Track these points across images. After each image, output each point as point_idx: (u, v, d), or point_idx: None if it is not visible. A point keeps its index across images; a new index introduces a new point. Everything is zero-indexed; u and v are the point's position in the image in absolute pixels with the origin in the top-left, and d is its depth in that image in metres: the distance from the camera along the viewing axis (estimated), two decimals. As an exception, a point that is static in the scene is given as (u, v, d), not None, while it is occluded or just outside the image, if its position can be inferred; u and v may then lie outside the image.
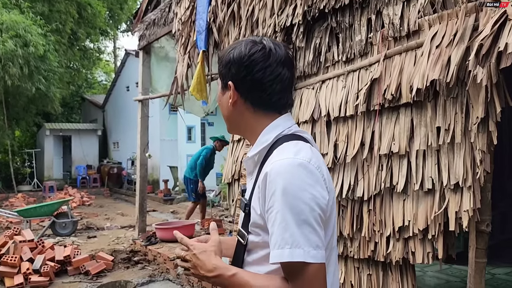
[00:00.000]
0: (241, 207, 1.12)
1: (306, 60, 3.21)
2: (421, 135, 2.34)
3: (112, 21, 22.18)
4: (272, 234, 0.97)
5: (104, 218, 10.02)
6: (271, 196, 0.98)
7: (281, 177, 0.97)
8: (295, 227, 0.94)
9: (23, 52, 12.47)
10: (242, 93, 1.11)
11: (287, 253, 0.94)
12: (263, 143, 1.11)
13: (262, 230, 1.04)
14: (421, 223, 2.28)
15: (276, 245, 0.96)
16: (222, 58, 1.13)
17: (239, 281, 1.01)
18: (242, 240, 1.10)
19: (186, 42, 4.83)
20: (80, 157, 19.05)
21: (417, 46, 2.40)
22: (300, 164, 0.99)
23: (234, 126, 1.20)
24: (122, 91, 18.23)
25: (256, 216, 1.04)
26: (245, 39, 1.14)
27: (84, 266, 5.33)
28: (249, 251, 1.09)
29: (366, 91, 2.61)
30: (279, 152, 1.04)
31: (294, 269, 0.95)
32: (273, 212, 0.97)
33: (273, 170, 0.99)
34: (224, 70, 1.12)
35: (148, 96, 6.69)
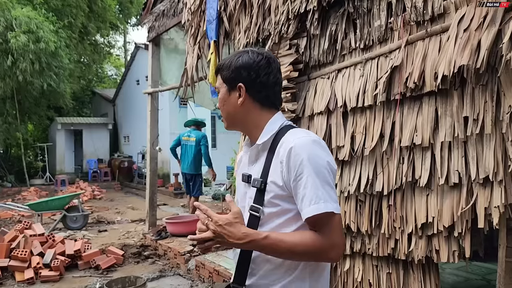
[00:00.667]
0: (254, 186, 1.29)
1: (321, 48, 3.06)
2: (447, 126, 2.18)
3: (122, 15, 22.16)
4: (305, 195, 1.20)
5: (115, 212, 10.00)
6: (299, 165, 1.21)
7: (304, 149, 1.22)
8: (321, 187, 1.20)
9: (34, 48, 12.49)
10: (251, 93, 1.34)
11: (323, 206, 1.18)
12: (270, 132, 1.33)
13: (282, 200, 1.25)
14: (447, 220, 2.14)
15: (312, 201, 1.19)
16: (230, 64, 1.35)
17: (272, 241, 1.18)
18: (257, 213, 1.27)
19: (196, 33, 4.71)
20: (91, 151, 19.10)
21: (442, 30, 2.24)
22: (315, 140, 1.27)
23: (238, 122, 1.40)
24: (132, 84, 18.19)
25: (277, 188, 1.25)
26: (246, 49, 1.38)
27: (94, 260, 5.28)
28: (263, 223, 1.27)
29: (386, 80, 2.46)
30: (293, 134, 1.29)
31: (324, 219, 1.19)
32: (304, 178, 1.20)
33: (297, 145, 1.23)
34: (233, 74, 1.34)
35: (158, 89, 6.60)
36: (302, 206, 1.21)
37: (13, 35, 12.20)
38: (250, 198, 1.31)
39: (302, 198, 1.20)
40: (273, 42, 3.41)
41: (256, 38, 3.65)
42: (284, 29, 3.26)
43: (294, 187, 1.22)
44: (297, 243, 1.19)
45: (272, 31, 3.41)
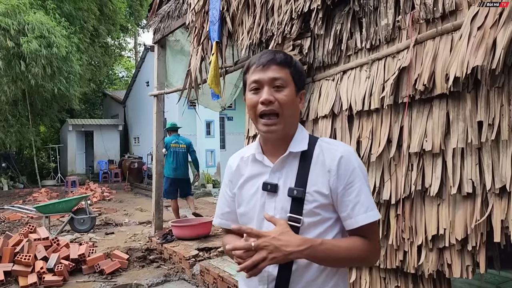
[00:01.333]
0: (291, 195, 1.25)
1: (326, 48, 2.92)
2: (459, 131, 2.03)
3: (132, 17, 22.25)
4: (358, 202, 1.23)
5: (123, 214, 9.97)
6: (351, 173, 1.25)
7: (354, 158, 1.28)
8: (371, 195, 1.28)
9: (46, 53, 12.57)
10: None
11: (376, 214, 1.25)
12: (304, 139, 1.33)
13: (323, 209, 1.25)
14: (460, 232, 1.99)
15: (368, 209, 1.24)
16: (297, 65, 1.32)
17: (328, 247, 1.19)
18: (297, 224, 1.23)
19: (200, 34, 4.60)
20: (102, 152, 19.20)
21: (454, 28, 2.09)
22: (354, 150, 1.39)
23: (292, 127, 1.33)
24: (142, 86, 18.22)
25: (321, 197, 1.25)
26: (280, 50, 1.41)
27: (98, 265, 5.21)
28: (301, 233, 1.24)
29: (393, 82, 2.32)
30: (332, 142, 1.34)
31: (375, 226, 1.26)
32: (356, 185, 1.24)
33: (346, 154, 1.27)
34: (302, 79, 1.34)
35: (163, 91, 6.51)
36: (354, 213, 1.23)
37: (25, 40, 12.29)
38: (281, 208, 1.27)
39: (354, 205, 1.23)
40: (276, 42, 3.28)
41: (259, 39, 3.53)
42: (288, 29, 3.13)
43: (342, 195, 1.24)
44: (351, 248, 1.22)
45: (275, 31, 3.28)
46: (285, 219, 1.23)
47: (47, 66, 12.81)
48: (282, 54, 1.30)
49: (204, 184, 13.19)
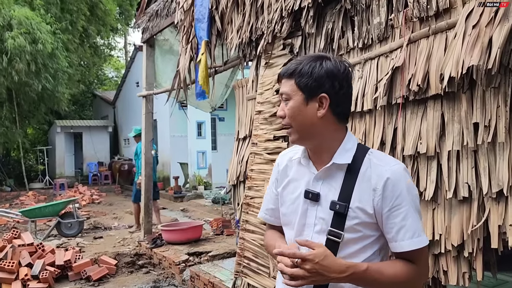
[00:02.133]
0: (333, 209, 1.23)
1: (317, 48, 2.85)
2: (454, 133, 1.96)
3: (122, 16, 22.03)
4: (404, 226, 1.20)
5: (112, 217, 9.81)
6: (398, 196, 1.20)
7: (402, 180, 1.23)
8: (418, 220, 1.23)
9: (31, 49, 12.32)
10: (332, 106, 1.24)
11: (424, 240, 1.22)
12: (350, 150, 1.28)
13: (365, 227, 1.23)
14: (456, 238, 1.91)
15: (414, 234, 1.20)
16: (312, 71, 1.22)
17: (374, 273, 1.17)
18: (338, 239, 1.23)
19: (189, 33, 4.50)
20: (91, 154, 18.96)
21: (448, 27, 2.02)
22: (405, 168, 1.28)
23: (312, 136, 1.28)
24: (132, 86, 18.02)
25: (364, 215, 1.22)
26: (323, 54, 1.28)
27: (85, 271, 5.07)
28: (340, 248, 1.23)
29: (387, 82, 2.24)
30: (382, 159, 1.28)
31: (422, 252, 1.23)
32: (402, 209, 1.20)
33: (394, 176, 1.22)
34: (315, 83, 1.22)
35: (152, 92, 6.40)
36: (399, 238, 1.21)
37: (10, 35, 12.04)
38: (323, 220, 1.27)
39: (399, 229, 1.20)
40: (267, 41, 3.21)
41: (249, 38, 3.44)
42: (278, 27, 3.05)
43: (387, 217, 1.21)
44: (397, 276, 1.19)
45: (265, 30, 3.20)
46: (325, 231, 1.25)
47: (32, 62, 12.54)
48: (293, 63, 1.29)
49: (196, 186, 13.06)
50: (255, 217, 3.28)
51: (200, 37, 3.96)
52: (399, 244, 1.21)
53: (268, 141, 3.24)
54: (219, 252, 5.47)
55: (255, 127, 3.41)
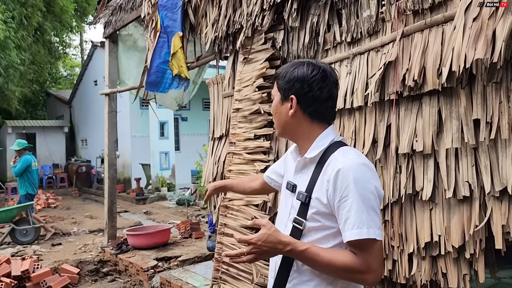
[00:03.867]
0: (298, 199, 1.34)
1: (301, 42, 2.72)
2: (453, 130, 1.89)
3: (78, 13, 21.11)
4: (348, 218, 1.22)
5: (71, 222, 9.29)
6: (345, 188, 1.23)
7: (352, 173, 1.24)
8: (366, 212, 1.22)
9: None
10: (303, 106, 1.36)
11: (365, 232, 1.21)
12: (320, 147, 1.35)
13: (323, 217, 1.30)
14: (456, 239, 1.84)
15: (354, 226, 1.21)
16: (286, 75, 1.37)
17: (310, 255, 1.25)
18: (300, 226, 1.32)
19: (156, 28, 4.26)
20: (46, 156, 17.99)
21: (445, 20, 1.95)
22: (363, 163, 1.28)
23: (289, 131, 1.43)
24: (90, 85, 17.28)
25: (321, 205, 1.29)
26: (304, 60, 1.40)
27: (45, 281, 4.69)
28: (303, 235, 1.32)
29: (379, 77, 2.15)
30: (343, 154, 1.31)
31: (365, 244, 1.22)
32: (348, 200, 1.22)
33: (345, 167, 1.25)
34: (287, 85, 1.37)
35: (116, 89, 6.06)
36: (345, 228, 1.24)
37: None
38: (294, 208, 1.36)
39: (345, 220, 1.24)
40: (246, 35, 3.05)
41: (225, 32, 3.28)
42: (258, 21, 2.90)
43: (337, 207, 1.25)
44: (334, 260, 1.24)
45: (244, 23, 3.04)
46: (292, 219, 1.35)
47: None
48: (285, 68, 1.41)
49: (159, 188, 12.66)
50: (234, 220, 3.12)
51: (168, 26, 3.72)
52: (344, 234, 1.25)
53: (248, 140, 3.09)
54: (190, 257, 5.25)
55: (232, 126, 3.25)
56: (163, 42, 4.05)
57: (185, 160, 13.90)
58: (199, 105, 15.15)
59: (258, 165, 2.98)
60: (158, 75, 4.20)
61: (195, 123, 15.03)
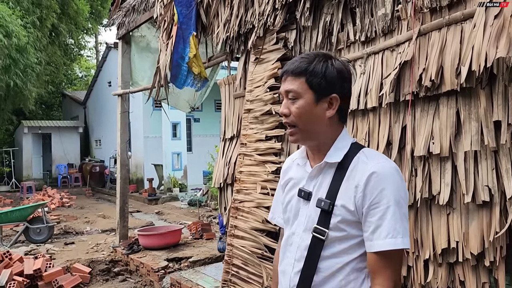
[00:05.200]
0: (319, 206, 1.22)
1: (313, 42, 2.67)
2: (472, 132, 1.82)
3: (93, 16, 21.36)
4: (380, 226, 1.14)
5: (84, 222, 9.36)
6: (378, 193, 1.15)
7: (387, 178, 1.16)
8: (400, 220, 1.14)
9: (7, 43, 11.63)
10: (342, 105, 1.25)
11: (400, 242, 1.13)
12: (342, 149, 1.25)
13: (349, 226, 1.19)
14: (475, 246, 1.77)
15: (388, 235, 1.13)
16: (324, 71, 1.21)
17: None
18: (322, 236, 1.21)
19: (169, 28, 4.25)
20: (61, 156, 18.23)
21: (464, 18, 1.88)
22: (395, 167, 1.20)
23: (315, 135, 1.26)
24: (104, 86, 17.45)
25: (347, 213, 1.19)
26: (327, 53, 1.27)
27: (57, 280, 4.72)
28: (325, 246, 1.21)
29: (394, 78, 2.09)
30: (371, 158, 1.22)
31: (395, 255, 1.15)
32: (381, 207, 1.14)
33: (378, 172, 1.16)
34: (325, 83, 1.22)
35: (128, 90, 6.08)
36: (374, 237, 1.15)
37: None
38: (311, 218, 1.26)
39: (375, 228, 1.15)
40: (257, 35, 3.01)
41: (237, 32, 3.24)
42: (270, 20, 2.86)
43: (366, 214, 1.17)
44: None
45: (256, 23, 3.00)
46: (311, 228, 1.24)
47: (7, 57, 11.84)
48: (302, 60, 1.25)
49: (171, 188, 12.70)
50: (245, 222, 3.08)
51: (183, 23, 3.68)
52: (373, 243, 1.16)
53: (259, 141, 3.04)
54: (200, 258, 5.23)
55: (244, 127, 3.21)
56: (179, 37, 4.02)
57: (197, 161, 13.93)
58: (212, 106, 15.17)
59: (269, 166, 2.93)
60: (177, 70, 4.17)
61: (207, 124, 15.05)
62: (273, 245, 2.85)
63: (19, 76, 12.69)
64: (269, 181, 2.96)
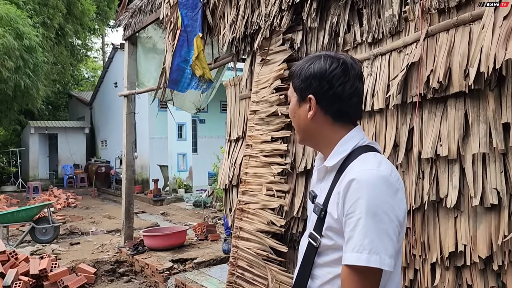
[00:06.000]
0: (314, 211, 1.19)
1: (320, 43, 2.66)
2: (480, 134, 1.80)
3: (100, 17, 21.48)
4: (351, 238, 1.04)
5: (90, 222, 9.40)
6: (354, 202, 1.05)
7: (366, 186, 1.05)
8: (375, 234, 1.02)
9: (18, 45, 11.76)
10: (323, 106, 1.18)
11: (364, 258, 1.02)
12: (342, 153, 1.17)
13: (336, 234, 1.12)
14: (483, 249, 1.75)
15: (354, 248, 1.03)
16: (301, 72, 1.19)
17: None
18: (314, 243, 1.17)
19: (175, 29, 4.25)
20: (67, 156, 18.34)
21: (473, 19, 1.86)
22: (383, 176, 1.07)
23: (308, 137, 1.25)
24: (110, 87, 17.54)
25: (332, 220, 1.13)
26: (321, 53, 1.21)
27: (62, 281, 4.73)
28: (320, 253, 1.17)
29: (401, 79, 2.07)
30: (362, 162, 1.12)
31: (367, 272, 1.03)
32: (354, 218, 1.05)
33: (358, 179, 1.07)
34: (303, 84, 1.19)
35: (134, 91, 6.10)
36: (345, 249, 1.07)
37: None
38: (312, 222, 1.22)
39: (348, 240, 1.06)
40: (263, 36, 3.00)
41: (243, 33, 3.23)
42: (277, 21, 2.85)
43: (344, 223, 1.09)
44: None
45: (262, 24, 2.99)
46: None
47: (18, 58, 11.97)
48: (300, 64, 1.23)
49: (176, 189, 12.72)
50: (250, 224, 3.07)
51: (188, 25, 3.69)
52: (344, 255, 1.07)
53: (265, 143, 3.03)
54: (205, 259, 5.22)
55: (249, 128, 3.20)
56: (183, 40, 4.02)
57: (202, 162, 13.95)
58: (217, 107, 15.19)
59: (275, 168, 2.92)
60: (179, 74, 4.18)
61: (212, 125, 15.07)
62: (278, 247, 2.84)
63: (29, 75, 12.79)
64: (275, 182, 2.95)
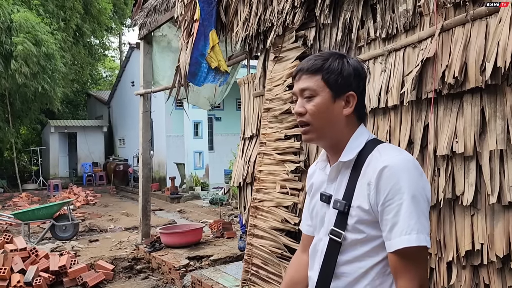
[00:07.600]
0: (336, 207, 1.19)
1: (333, 39, 2.64)
2: (498, 131, 1.76)
3: (117, 16, 21.75)
4: (396, 223, 1.08)
5: (108, 219, 9.54)
6: (391, 188, 1.09)
7: (400, 171, 1.10)
8: (416, 216, 1.08)
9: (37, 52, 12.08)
10: (358, 103, 1.23)
11: (414, 238, 1.07)
12: (357, 147, 1.21)
13: (367, 226, 1.14)
14: (500, 248, 1.71)
15: (403, 231, 1.07)
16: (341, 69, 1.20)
17: None
18: (338, 238, 1.17)
19: (190, 27, 4.27)
20: (86, 154, 18.67)
21: (489, 13, 1.81)
22: (410, 160, 1.14)
23: (330, 134, 1.23)
24: (127, 86, 17.75)
25: (362, 213, 1.15)
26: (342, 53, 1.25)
27: (81, 277, 4.83)
28: (345, 250, 1.17)
29: (416, 75, 2.04)
30: (384, 152, 1.16)
31: (417, 252, 1.08)
32: (395, 203, 1.09)
33: (390, 165, 1.11)
34: (344, 81, 1.20)
35: (150, 90, 6.16)
36: (391, 236, 1.10)
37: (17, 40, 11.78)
38: (329, 220, 1.23)
39: (392, 226, 1.10)
40: (276, 34, 2.99)
41: (256, 30, 3.23)
42: (289, 18, 2.84)
43: (382, 212, 1.12)
44: None
45: (275, 21, 2.98)
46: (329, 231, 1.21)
47: (36, 65, 12.30)
48: (317, 58, 1.23)
49: (192, 187, 12.81)
50: (264, 222, 3.07)
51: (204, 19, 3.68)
52: (390, 243, 1.10)
53: (278, 140, 3.02)
54: (221, 256, 5.25)
55: (263, 126, 3.20)
56: (200, 34, 4.03)
57: (218, 159, 14.02)
58: (233, 105, 15.22)
59: (288, 165, 2.91)
60: (196, 67, 4.18)
61: (228, 123, 15.11)
62: (292, 245, 2.83)
63: (47, 81, 13.11)
64: (289, 180, 2.94)
